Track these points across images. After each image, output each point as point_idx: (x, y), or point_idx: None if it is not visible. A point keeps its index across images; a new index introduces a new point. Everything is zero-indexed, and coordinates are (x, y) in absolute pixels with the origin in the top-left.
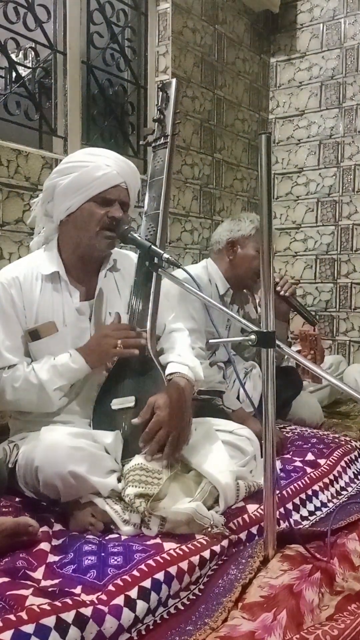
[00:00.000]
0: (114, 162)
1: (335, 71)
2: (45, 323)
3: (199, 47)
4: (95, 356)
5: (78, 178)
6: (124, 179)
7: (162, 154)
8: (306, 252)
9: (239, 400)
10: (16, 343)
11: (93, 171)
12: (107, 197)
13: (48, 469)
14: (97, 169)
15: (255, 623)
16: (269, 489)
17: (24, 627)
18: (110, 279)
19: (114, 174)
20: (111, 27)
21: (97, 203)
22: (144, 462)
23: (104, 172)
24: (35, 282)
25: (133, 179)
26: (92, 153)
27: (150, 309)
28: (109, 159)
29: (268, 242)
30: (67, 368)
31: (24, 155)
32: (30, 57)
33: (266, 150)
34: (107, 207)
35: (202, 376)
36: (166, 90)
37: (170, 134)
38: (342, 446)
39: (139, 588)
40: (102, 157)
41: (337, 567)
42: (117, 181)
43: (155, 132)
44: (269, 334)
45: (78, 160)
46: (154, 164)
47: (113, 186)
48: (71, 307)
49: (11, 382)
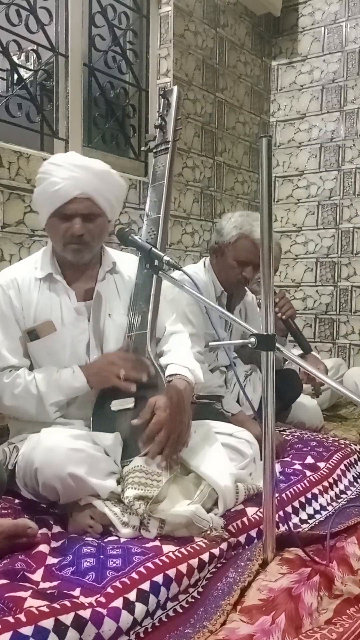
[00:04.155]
0: (70, 173)
1: (336, 74)
2: (43, 323)
3: (200, 50)
4: (97, 379)
5: (38, 193)
6: (82, 190)
7: (163, 159)
8: (307, 255)
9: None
10: (15, 344)
11: (48, 187)
12: (65, 213)
13: (47, 471)
14: (52, 184)
15: (253, 626)
16: (268, 492)
17: (22, 629)
18: (110, 281)
19: (68, 188)
20: (113, 30)
21: (58, 218)
22: (143, 464)
23: (58, 187)
24: (32, 284)
25: (100, 185)
26: (54, 162)
27: (150, 312)
28: (66, 170)
29: (268, 244)
30: (68, 385)
31: (25, 157)
32: (32, 60)
33: (267, 153)
34: (68, 222)
35: (202, 379)
36: (167, 97)
37: (172, 140)
38: (341, 449)
39: (138, 591)
40: (60, 169)
41: (336, 570)
42: (73, 194)
43: (157, 138)
44: (269, 336)
45: (42, 172)
46: (155, 169)
47: (69, 200)
48: (69, 308)
49: (11, 388)
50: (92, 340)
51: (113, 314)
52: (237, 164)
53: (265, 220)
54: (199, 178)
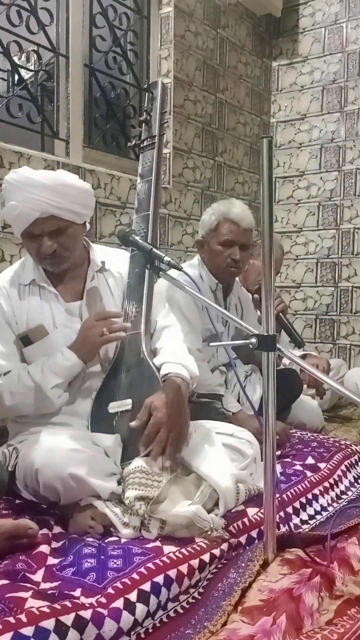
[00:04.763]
0: (26, 195)
1: (336, 75)
2: (35, 327)
3: (200, 51)
4: (85, 349)
5: (4, 214)
6: (42, 210)
7: (150, 155)
8: (307, 255)
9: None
10: (10, 350)
11: (10, 210)
12: (32, 233)
13: (48, 472)
14: (13, 208)
15: (254, 627)
16: (269, 493)
17: (23, 630)
18: (100, 280)
19: (28, 211)
20: (113, 31)
21: (27, 238)
22: (143, 465)
23: (17, 213)
24: (22, 290)
25: (60, 199)
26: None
27: (143, 311)
28: (22, 191)
29: (269, 245)
30: (61, 366)
31: (26, 157)
32: (33, 60)
33: (268, 154)
34: (38, 241)
35: (197, 373)
36: (152, 91)
37: (158, 135)
38: (342, 450)
39: (139, 591)
40: (16, 190)
41: (336, 571)
42: (34, 216)
43: (143, 133)
44: (270, 337)
45: (2, 191)
46: (142, 165)
47: (32, 223)
48: (59, 310)
49: (8, 387)
50: None
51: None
52: (238, 165)
53: (266, 221)
54: (199, 179)
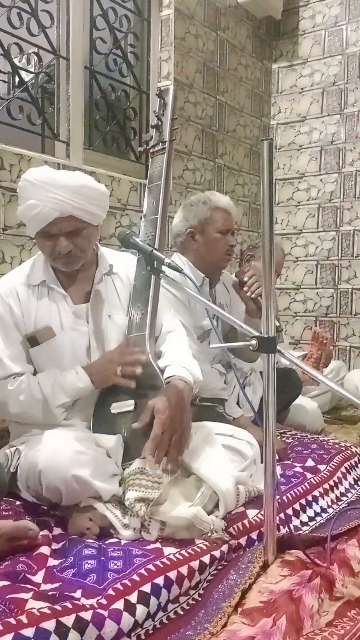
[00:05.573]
0: (47, 195)
1: (336, 77)
2: (42, 328)
3: (201, 53)
4: (100, 378)
5: (20, 213)
6: (62, 210)
7: (160, 160)
8: (307, 257)
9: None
10: (18, 351)
11: (28, 210)
12: (49, 232)
13: (52, 473)
14: (31, 207)
15: (254, 628)
16: (269, 495)
17: (23, 631)
18: (108, 283)
19: (48, 211)
20: (114, 33)
21: (43, 238)
22: (144, 467)
23: (36, 212)
24: (30, 291)
25: (80, 201)
26: (29, 180)
27: (149, 313)
28: (43, 190)
29: (270, 247)
30: (73, 386)
31: (26, 159)
32: (33, 62)
33: (268, 156)
34: (54, 240)
35: (200, 377)
36: (163, 97)
37: (168, 140)
38: (342, 452)
39: (139, 592)
40: (37, 189)
41: (336, 573)
42: (53, 216)
43: (153, 138)
44: (270, 339)
45: (19, 190)
46: (152, 169)
47: (50, 222)
48: (67, 312)
49: (17, 395)
50: (93, 342)
51: (113, 315)
52: (238, 167)
53: (266, 223)
54: (199, 181)
